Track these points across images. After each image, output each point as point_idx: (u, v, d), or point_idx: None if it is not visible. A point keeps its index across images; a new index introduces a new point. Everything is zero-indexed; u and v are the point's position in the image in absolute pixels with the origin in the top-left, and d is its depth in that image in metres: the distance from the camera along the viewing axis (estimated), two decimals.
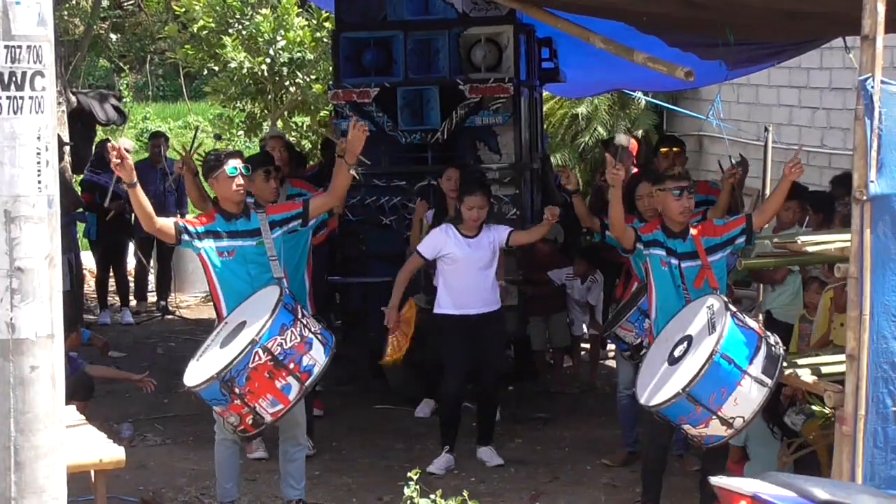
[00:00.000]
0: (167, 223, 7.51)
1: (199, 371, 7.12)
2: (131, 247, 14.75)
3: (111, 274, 14.53)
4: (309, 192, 9.37)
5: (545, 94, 14.17)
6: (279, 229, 7.61)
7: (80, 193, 13.77)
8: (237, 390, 6.94)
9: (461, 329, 8.94)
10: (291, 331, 7.05)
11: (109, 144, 7.19)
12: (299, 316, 7.18)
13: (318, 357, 7.12)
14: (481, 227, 8.92)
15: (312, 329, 7.20)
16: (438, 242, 8.94)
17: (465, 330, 8.94)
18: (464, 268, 8.89)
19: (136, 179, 7.19)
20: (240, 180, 7.50)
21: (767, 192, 11.29)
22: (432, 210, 9.99)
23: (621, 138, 8.23)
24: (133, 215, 14.08)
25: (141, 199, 7.24)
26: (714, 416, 6.65)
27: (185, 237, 7.49)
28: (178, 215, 13.77)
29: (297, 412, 7.57)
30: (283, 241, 7.69)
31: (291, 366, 7.00)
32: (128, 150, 7.38)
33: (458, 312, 8.95)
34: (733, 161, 10.02)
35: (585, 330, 11.51)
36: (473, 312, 8.92)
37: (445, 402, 9.19)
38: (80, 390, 8.89)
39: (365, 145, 7.62)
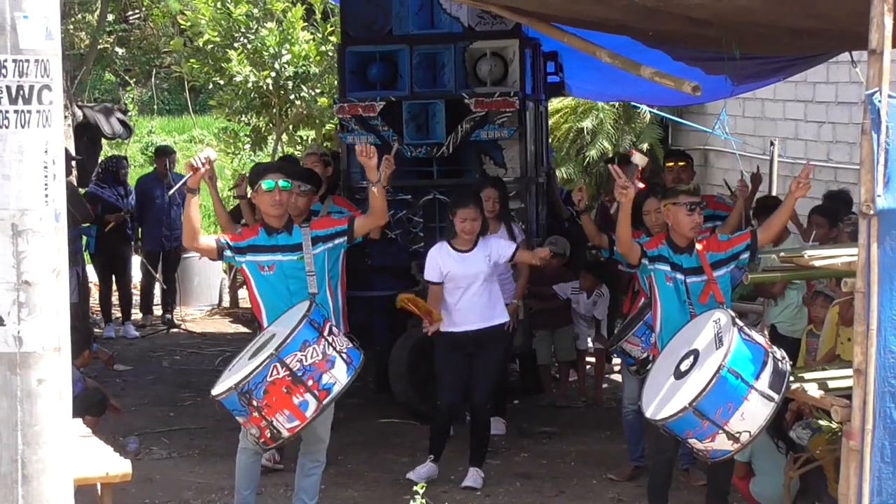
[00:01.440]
0: (209, 241, 7.55)
1: (225, 380, 7.15)
2: (136, 260, 14.76)
3: (114, 288, 14.51)
4: (348, 210, 9.42)
5: (550, 106, 14.18)
6: (322, 245, 7.61)
7: None
8: (255, 403, 6.95)
9: (455, 346, 8.89)
10: (314, 348, 7.03)
11: (194, 158, 7.28)
12: (325, 333, 7.15)
13: (339, 376, 7.09)
14: (477, 240, 8.87)
15: (338, 347, 7.16)
16: (436, 262, 8.87)
17: (461, 347, 8.88)
18: (460, 284, 8.82)
19: (198, 188, 7.30)
20: (276, 195, 7.48)
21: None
22: None
23: (636, 158, 8.23)
24: (135, 229, 14.16)
25: (192, 211, 7.33)
26: (721, 431, 6.63)
27: (228, 253, 7.54)
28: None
29: (321, 429, 7.58)
30: (328, 256, 7.68)
31: (310, 383, 6.99)
32: (212, 160, 7.45)
33: (452, 330, 8.87)
34: (745, 176, 10.00)
35: (591, 344, 11.51)
36: (469, 329, 8.83)
37: (437, 414, 9.15)
38: (94, 406, 8.93)
39: (377, 156, 7.64)
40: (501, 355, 9.17)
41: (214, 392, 7.11)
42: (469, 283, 8.79)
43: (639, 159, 8.00)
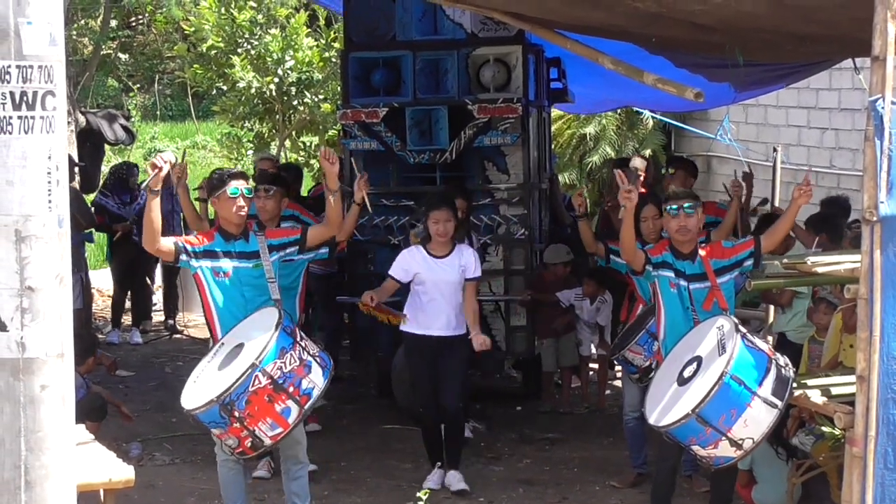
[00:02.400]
0: (167, 242, 7.49)
1: (197, 394, 7.10)
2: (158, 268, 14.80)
3: (129, 294, 14.50)
4: (301, 213, 9.41)
5: (553, 113, 14.17)
6: (276, 254, 7.59)
7: None
8: (237, 414, 6.92)
9: (422, 349, 8.90)
10: (291, 354, 7.04)
11: (156, 159, 7.25)
12: (298, 339, 7.17)
13: (316, 380, 7.10)
14: (453, 246, 8.85)
15: (311, 352, 7.18)
16: (407, 263, 8.86)
17: (427, 350, 8.88)
18: (429, 289, 8.80)
19: (159, 189, 7.22)
20: (241, 202, 7.46)
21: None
22: None
23: (637, 162, 8.23)
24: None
25: (153, 213, 7.25)
26: (723, 438, 6.63)
27: (184, 256, 7.49)
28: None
29: (297, 431, 7.53)
30: (279, 266, 7.66)
31: (291, 389, 6.99)
32: (168, 161, 7.38)
33: (419, 332, 8.88)
34: (737, 177, 10.01)
35: (594, 350, 11.50)
36: (434, 334, 8.83)
37: (424, 420, 9.15)
38: (94, 411, 8.94)
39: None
40: (466, 356, 9.06)
41: (190, 406, 7.05)
42: (437, 289, 8.79)
43: (638, 163, 8.03)
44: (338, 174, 7.69)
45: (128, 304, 14.68)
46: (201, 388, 7.11)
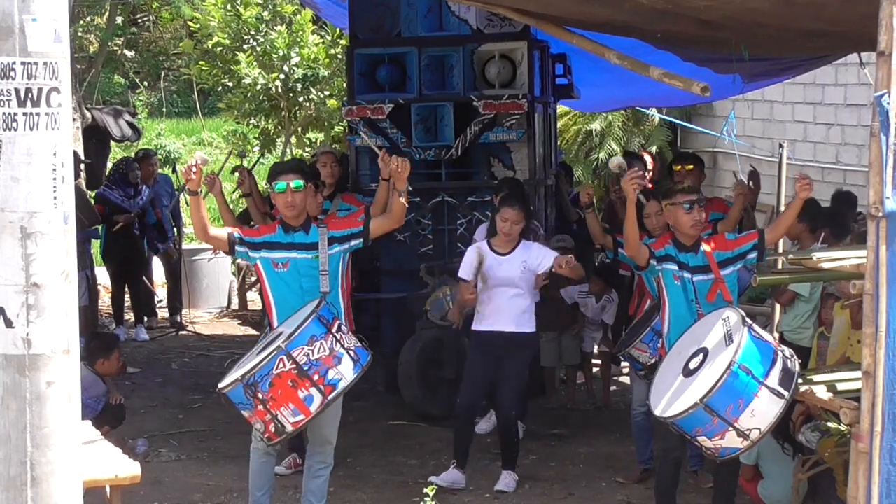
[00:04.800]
0: (220, 234, 7.60)
1: (231, 375, 7.15)
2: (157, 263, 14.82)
3: (126, 290, 14.52)
4: (356, 206, 9.37)
5: (559, 109, 14.18)
6: (338, 245, 7.59)
7: None
8: (260, 395, 6.94)
9: (489, 346, 8.87)
10: (321, 343, 7.03)
11: (188, 165, 7.31)
12: (333, 330, 7.14)
13: (345, 373, 7.08)
14: (518, 243, 8.84)
15: (346, 345, 7.15)
16: (473, 259, 8.84)
17: (488, 347, 8.86)
18: (492, 285, 8.80)
19: (199, 189, 7.34)
20: (289, 197, 7.49)
21: (782, 208, 11.29)
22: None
23: (614, 161, 8.28)
24: (143, 230, 14.15)
25: (200, 209, 7.40)
26: (730, 428, 6.61)
27: (240, 248, 7.56)
28: (174, 229, 13.97)
29: (328, 430, 7.58)
30: (342, 256, 7.66)
31: (316, 377, 6.98)
32: (204, 162, 7.44)
33: (486, 329, 8.87)
34: (741, 176, 10.01)
35: (597, 348, 11.49)
36: (497, 330, 8.82)
37: (457, 416, 9.15)
38: (113, 419, 9.02)
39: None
40: (528, 361, 9.14)
41: (221, 385, 7.11)
42: (500, 286, 8.77)
43: (615, 164, 8.08)
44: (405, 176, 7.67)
45: (128, 301, 14.72)
46: (236, 369, 7.17)
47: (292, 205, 7.50)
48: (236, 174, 9.96)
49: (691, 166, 10.20)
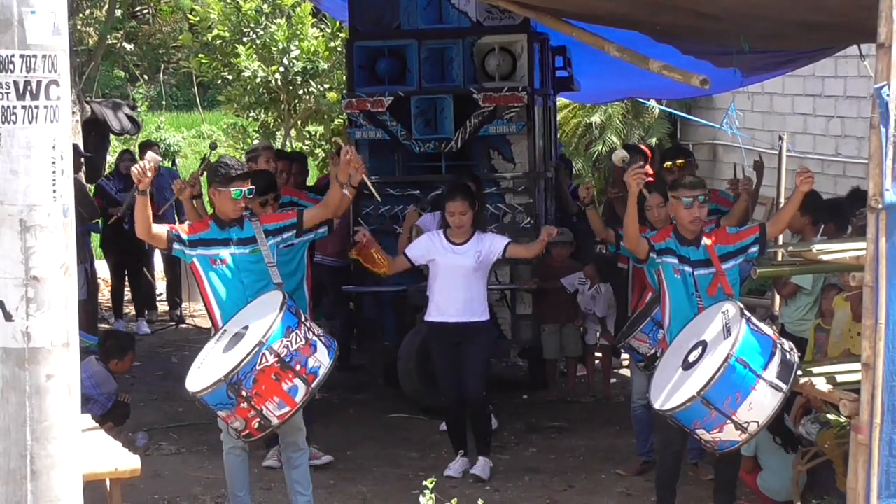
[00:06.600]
0: (160, 230, 7.51)
1: (203, 377, 7.09)
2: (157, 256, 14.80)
3: (126, 284, 14.52)
4: (300, 199, 9.35)
5: (559, 101, 14.17)
6: (272, 239, 7.57)
7: None
8: (244, 393, 6.92)
9: (443, 336, 8.94)
10: (296, 333, 7.05)
11: (135, 166, 7.25)
12: (302, 319, 7.19)
13: (322, 359, 7.11)
14: (472, 234, 8.87)
15: (315, 332, 7.20)
16: (425, 247, 8.91)
17: (447, 337, 8.92)
18: (447, 275, 8.84)
19: (148, 189, 7.24)
20: (242, 203, 7.50)
21: (782, 200, 11.29)
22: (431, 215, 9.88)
23: (618, 154, 8.27)
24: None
25: (145, 209, 7.30)
26: (728, 421, 6.63)
27: (177, 245, 7.51)
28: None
29: (297, 418, 7.52)
30: (280, 252, 7.67)
31: (298, 367, 6.99)
32: (156, 163, 7.37)
33: (439, 319, 8.94)
34: (746, 171, 9.98)
35: (598, 339, 11.50)
36: (454, 321, 8.87)
37: (447, 409, 9.19)
38: (119, 417, 9.05)
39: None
40: (488, 344, 9.15)
41: (196, 388, 7.03)
42: (452, 275, 8.82)
43: (618, 158, 8.07)
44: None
45: (128, 294, 14.71)
46: (206, 371, 7.11)
47: (242, 210, 7.53)
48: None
49: (681, 161, 10.19)
